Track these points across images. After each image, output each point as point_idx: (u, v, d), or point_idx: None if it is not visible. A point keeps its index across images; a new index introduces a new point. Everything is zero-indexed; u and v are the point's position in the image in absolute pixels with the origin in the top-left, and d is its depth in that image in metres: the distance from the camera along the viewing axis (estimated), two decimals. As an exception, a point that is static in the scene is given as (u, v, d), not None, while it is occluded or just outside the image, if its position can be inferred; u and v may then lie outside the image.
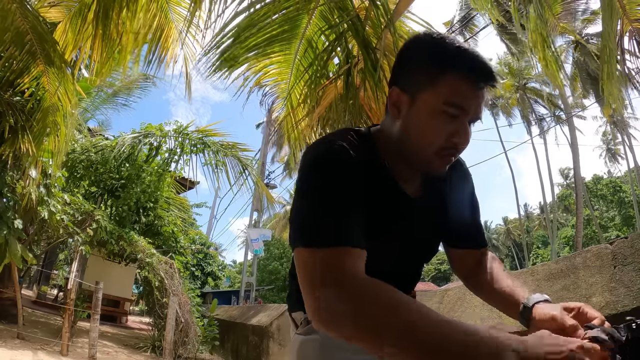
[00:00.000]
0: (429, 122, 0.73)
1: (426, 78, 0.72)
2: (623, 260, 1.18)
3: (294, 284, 0.97)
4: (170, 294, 6.18)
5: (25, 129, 3.79)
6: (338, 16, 2.54)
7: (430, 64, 0.73)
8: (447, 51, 0.72)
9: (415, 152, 0.77)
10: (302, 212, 0.71)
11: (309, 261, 0.64)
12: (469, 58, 0.71)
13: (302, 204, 0.71)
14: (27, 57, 3.16)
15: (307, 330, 0.92)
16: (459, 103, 0.71)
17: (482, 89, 0.72)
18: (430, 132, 0.73)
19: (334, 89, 2.76)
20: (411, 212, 0.85)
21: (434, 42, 0.75)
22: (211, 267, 15.04)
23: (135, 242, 6.46)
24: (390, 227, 0.82)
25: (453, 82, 0.70)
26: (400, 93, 0.77)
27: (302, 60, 3.01)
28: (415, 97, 0.74)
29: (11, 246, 4.11)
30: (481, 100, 0.73)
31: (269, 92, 3.46)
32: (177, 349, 5.97)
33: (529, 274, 1.59)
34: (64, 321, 5.05)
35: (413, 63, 0.77)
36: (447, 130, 0.72)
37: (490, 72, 0.72)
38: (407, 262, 0.93)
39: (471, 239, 0.97)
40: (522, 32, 3.22)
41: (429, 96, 0.72)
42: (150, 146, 7.23)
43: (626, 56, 2.70)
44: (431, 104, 0.72)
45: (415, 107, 0.74)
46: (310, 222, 0.68)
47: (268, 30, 2.73)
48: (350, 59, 2.52)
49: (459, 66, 0.70)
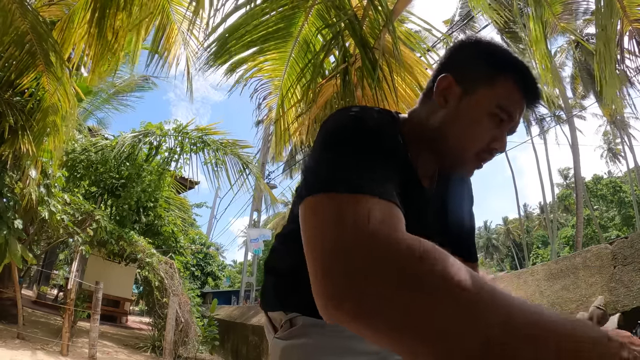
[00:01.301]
0: (477, 120, 0.71)
1: (485, 75, 0.71)
2: (623, 260, 1.17)
3: (270, 279, 0.89)
4: (170, 294, 6.18)
5: (25, 129, 3.79)
6: (335, 15, 2.53)
7: (491, 61, 0.72)
8: (507, 55, 0.73)
9: (452, 148, 0.73)
10: (328, 159, 0.56)
11: (327, 210, 0.47)
12: (525, 69, 0.72)
13: (326, 155, 0.57)
14: (26, 57, 3.16)
15: (290, 334, 0.80)
16: (510, 109, 0.70)
17: (528, 102, 0.72)
18: (476, 132, 0.71)
19: (330, 88, 2.76)
20: (426, 205, 0.81)
21: (495, 43, 0.75)
22: (211, 267, 15.06)
23: (135, 242, 6.47)
24: (408, 222, 0.75)
25: (509, 86, 0.70)
26: (453, 82, 0.73)
27: (298, 59, 3.02)
28: (468, 91, 0.72)
29: (11, 246, 4.11)
30: (522, 115, 0.73)
31: (264, 89, 3.48)
32: (177, 349, 5.97)
33: (529, 274, 1.59)
34: (64, 321, 5.05)
35: (473, 56, 0.75)
36: (490, 134, 0.71)
37: (538, 89, 0.73)
38: None
39: (465, 249, 0.91)
40: (523, 31, 3.22)
41: (484, 94, 0.70)
42: (150, 145, 7.23)
43: (626, 55, 2.70)
44: (485, 103, 0.70)
45: (467, 102, 0.71)
46: (338, 167, 0.53)
47: (264, 27, 2.74)
48: (348, 58, 2.51)
49: (517, 72, 0.70)
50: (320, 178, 0.52)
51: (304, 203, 0.51)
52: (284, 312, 0.83)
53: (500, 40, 18.39)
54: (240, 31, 2.71)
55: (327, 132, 0.62)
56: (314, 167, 0.57)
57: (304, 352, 0.78)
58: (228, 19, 2.57)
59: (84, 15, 3.05)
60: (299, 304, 0.82)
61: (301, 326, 0.81)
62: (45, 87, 3.46)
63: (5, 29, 2.89)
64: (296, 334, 0.80)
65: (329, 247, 0.43)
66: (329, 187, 0.49)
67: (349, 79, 2.50)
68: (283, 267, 0.87)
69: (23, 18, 2.91)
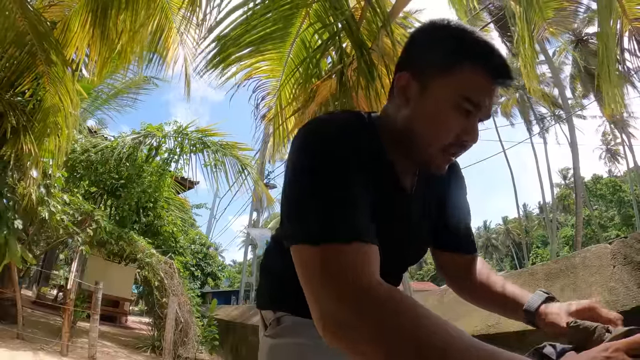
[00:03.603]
0: (440, 115, 0.66)
1: (441, 65, 0.65)
2: (622, 260, 1.18)
3: (267, 279, 0.92)
4: (169, 294, 6.18)
5: (27, 129, 3.79)
6: (332, 15, 2.53)
7: (446, 50, 0.66)
8: (466, 39, 0.65)
9: (418, 146, 0.69)
10: (300, 201, 0.59)
11: (311, 261, 0.54)
12: (488, 50, 0.65)
13: (299, 193, 0.60)
14: (27, 57, 3.16)
15: (277, 332, 0.84)
16: (474, 97, 0.64)
17: (497, 86, 0.66)
18: (439, 126, 0.66)
19: (326, 88, 2.76)
20: (407, 208, 0.79)
21: (451, 28, 0.68)
22: (211, 267, 15.05)
23: (134, 242, 6.47)
24: (387, 224, 0.74)
25: (470, 73, 0.64)
26: (410, 79, 0.68)
27: (296, 59, 3.03)
28: (426, 85, 0.66)
29: (11, 246, 4.11)
30: (494, 99, 0.67)
31: (263, 89, 3.49)
32: (176, 349, 5.97)
33: (529, 274, 1.59)
34: (63, 321, 5.05)
35: (427, 47, 0.69)
36: (457, 126, 0.66)
37: (508, 69, 0.65)
38: (394, 263, 0.84)
39: (462, 242, 0.90)
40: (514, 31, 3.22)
41: (442, 86, 0.65)
42: (150, 147, 7.24)
43: (626, 55, 2.71)
44: (444, 95, 0.65)
45: (426, 97, 0.67)
46: (311, 212, 0.57)
47: (263, 27, 2.75)
48: (344, 59, 2.51)
49: (478, 57, 0.64)
50: (302, 224, 0.57)
51: (292, 251, 0.57)
52: (273, 311, 0.86)
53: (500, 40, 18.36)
54: (238, 31, 2.71)
55: (300, 157, 0.63)
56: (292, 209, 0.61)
57: (291, 350, 0.81)
58: (227, 18, 2.58)
59: (85, 16, 3.05)
60: (288, 304, 0.85)
61: (289, 325, 0.84)
62: (46, 87, 3.45)
63: (5, 28, 2.89)
64: (284, 332, 0.83)
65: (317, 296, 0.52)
66: (311, 238, 0.55)
67: (345, 79, 2.49)
68: (274, 267, 0.90)
69: (23, 17, 2.91)
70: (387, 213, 0.73)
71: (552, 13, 3.32)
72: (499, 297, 0.84)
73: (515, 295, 0.81)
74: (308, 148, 0.63)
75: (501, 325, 1.44)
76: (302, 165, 0.62)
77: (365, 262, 0.53)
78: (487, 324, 1.55)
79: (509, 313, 0.82)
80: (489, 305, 0.89)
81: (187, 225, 9.90)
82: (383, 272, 0.77)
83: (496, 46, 0.66)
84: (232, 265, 37.21)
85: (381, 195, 0.70)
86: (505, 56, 0.66)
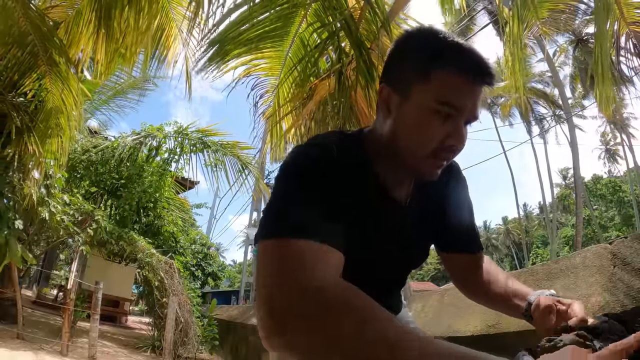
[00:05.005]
0: (420, 122, 0.67)
1: (416, 74, 0.66)
2: (622, 260, 1.18)
3: None
4: (170, 294, 6.18)
5: (30, 129, 3.79)
6: (331, 14, 2.53)
7: (420, 58, 0.67)
8: (439, 45, 0.66)
9: (405, 155, 0.70)
10: (269, 204, 0.64)
11: (262, 256, 0.55)
12: (462, 52, 0.65)
13: (270, 203, 0.64)
14: (29, 57, 3.16)
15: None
16: (453, 101, 0.64)
17: (478, 86, 0.66)
18: (421, 134, 0.67)
19: (325, 87, 2.76)
20: (399, 219, 0.81)
21: (425, 35, 0.70)
22: (211, 267, 15.05)
23: (135, 242, 6.47)
24: (374, 235, 0.77)
25: (445, 77, 0.64)
26: (390, 91, 0.71)
27: (294, 58, 3.04)
28: (406, 96, 0.68)
29: (11, 246, 4.11)
30: (477, 99, 0.66)
31: (262, 87, 3.49)
32: (176, 348, 5.97)
33: (529, 274, 1.59)
34: (63, 321, 5.05)
35: (403, 58, 0.72)
36: (441, 132, 0.66)
37: (486, 67, 0.65)
38: (391, 269, 0.88)
39: (467, 243, 0.92)
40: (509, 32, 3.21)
41: (419, 93, 0.66)
42: (150, 147, 7.25)
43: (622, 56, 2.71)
44: (422, 102, 0.66)
45: (406, 106, 0.68)
46: (273, 213, 0.60)
47: (262, 26, 2.76)
48: (343, 58, 2.51)
49: (451, 60, 0.65)
50: (264, 224, 0.59)
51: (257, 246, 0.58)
52: None
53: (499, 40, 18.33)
54: (238, 30, 2.72)
55: (279, 177, 0.66)
56: (266, 212, 0.63)
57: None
58: (227, 18, 2.58)
59: (89, 15, 3.05)
60: None
61: None
62: (48, 87, 3.45)
63: (7, 28, 2.89)
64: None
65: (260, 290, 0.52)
66: (267, 234, 0.56)
67: (344, 79, 2.49)
68: None
69: (25, 18, 2.91)
70: (374, 223, 0.76)
71: (546, 13, 3.32)
72: (504, 296, 0.85)
73: (519, 293, 0.82)
74: (287, 163, 0.67)
75: (501, 325, 1.44)
76: (279, 176, 0.67)
77: (319, 257, 0.53)
78: (487, 324, 1.55)
79: (513, 311, 0.83)
80: (494, 304, 0.90)
81: (188, 225, 9.89)
82: (376, 278, 0.81)
83: (472, 47, 0.67)
84: (232, 265, 37.21)
85: (366, 206, 0.74)
86: (482, 56, 0.66)
